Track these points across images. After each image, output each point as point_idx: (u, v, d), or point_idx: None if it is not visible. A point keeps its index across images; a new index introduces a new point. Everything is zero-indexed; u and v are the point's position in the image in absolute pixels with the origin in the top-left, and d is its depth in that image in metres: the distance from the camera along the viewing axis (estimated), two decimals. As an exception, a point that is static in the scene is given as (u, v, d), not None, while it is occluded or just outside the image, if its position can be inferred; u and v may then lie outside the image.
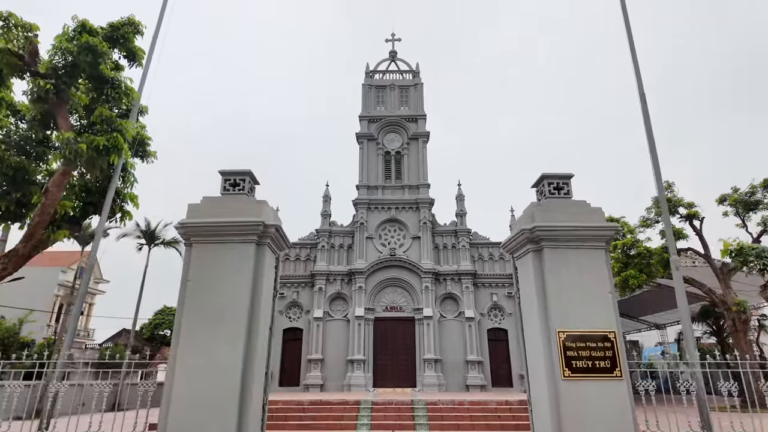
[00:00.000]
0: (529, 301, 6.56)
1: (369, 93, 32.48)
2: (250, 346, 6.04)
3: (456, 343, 26.44)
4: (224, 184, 6.87)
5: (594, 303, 6.15)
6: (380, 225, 29.02)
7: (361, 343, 25.88)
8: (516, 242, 6.80)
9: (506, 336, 27.24)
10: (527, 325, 6.66)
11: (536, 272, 6.40)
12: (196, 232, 6.36)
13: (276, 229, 6.50)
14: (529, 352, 6.61)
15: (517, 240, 6.74)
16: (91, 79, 8.16)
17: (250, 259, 6.28)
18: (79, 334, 46.39)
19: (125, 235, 31.73)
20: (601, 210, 6.63)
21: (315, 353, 26.13)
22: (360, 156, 30.71)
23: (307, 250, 29.17)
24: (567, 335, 5.99)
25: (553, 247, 6.40)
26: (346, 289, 27.81)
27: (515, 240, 6.79)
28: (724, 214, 25.90)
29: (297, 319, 27.77)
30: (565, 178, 6.97)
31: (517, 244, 6.79)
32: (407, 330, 26.83)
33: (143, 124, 11.01)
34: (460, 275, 27.70)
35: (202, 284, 6.17)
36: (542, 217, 6.45)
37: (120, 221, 9.98)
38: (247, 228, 6.31)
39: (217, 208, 6.49)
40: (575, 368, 5.87)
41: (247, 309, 6.08)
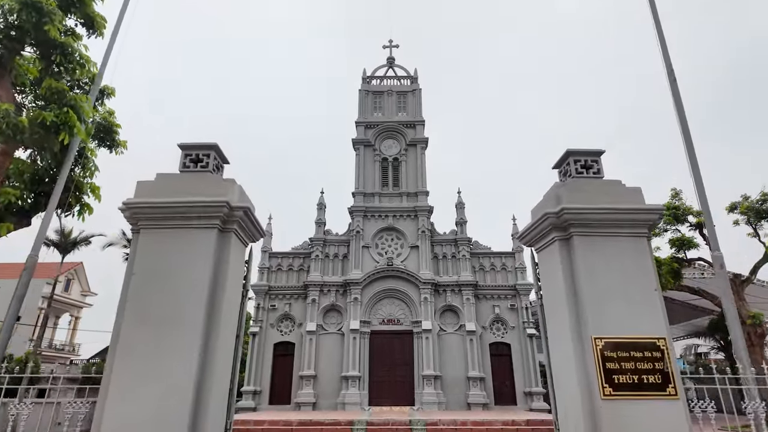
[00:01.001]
0: (555, 302, 5.36)
1: (366, 99, 31.58)
2: (208, 357, 4.80)
3: (456, 359, 25.00)
4: (184, 160, 5.70)
5: (638, 303, 4.96)
6: (377, 234, 27.79)
7: (356, 358, 24.42)
8: (537, 230, 5.62)
9: (509, 351, 25.82)
10: (553, 331, 5.44)
11: (564, 266, 5.22)
12: (144, 214, 5.17)
13: (245, 212, 5.30)
14: (555, 364, 5.37)
15: (538, 227, 5.56)
16: (38, 44, 7.05)
17: (211, 248, 5.08)
18: (64, 348, 44.62)
19: (111, 245, 30.42)
20: (640, 190, 5.48)
21: (307, 369, 24.63)
22: (356, 162, 29.63)
23: (300, 260, 27.85)
24: (606, 343, 4.77)
25: (585, 235, 5.22)
26: (341, 300, 26.44)
27: (536, 227, 5.60)
28: (735, 223, 24.76)
29: (289, 332, 26.33)
30: (595, 155, 5.83)
31: (539, 232, 5.61)
32: (405, 344, 25.40)
33: (111, 109, 9.89)
34: (460, 286, 26.40)
35: (149, 279, 4.95)
36: (570, 198, 5.29)
37: (78, 216, 8.77)
38: (208, 209, 5.12)
39: (173, 187, 5.30)
40: (618, 384, 4.65)
41: (205, 311, 4.85)
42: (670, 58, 8.21)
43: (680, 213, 24.26)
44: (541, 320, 5.72)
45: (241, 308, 5.69)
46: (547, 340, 5.59)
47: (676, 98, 7.94)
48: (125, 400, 4.45)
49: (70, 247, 27.96)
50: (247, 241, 5.84)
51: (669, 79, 8.14)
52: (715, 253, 6.95)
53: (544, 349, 5.61)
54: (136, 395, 4.46)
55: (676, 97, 7.95)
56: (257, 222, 5.75)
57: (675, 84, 8.03)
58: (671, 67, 8.16)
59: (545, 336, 5.63)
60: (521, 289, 26.52)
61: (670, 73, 8.13)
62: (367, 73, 32.83)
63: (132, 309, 4.82)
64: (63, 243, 26.71)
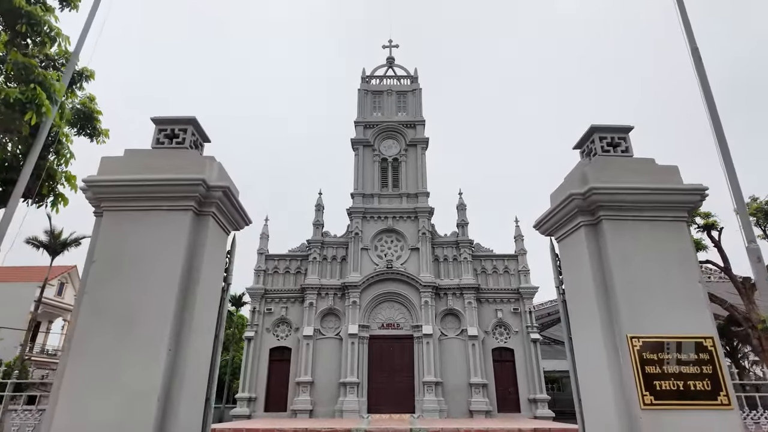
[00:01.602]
0: (581, 297, 4.66)
1: (365, 98, 31.00)
2: (180, 360, 4.09)
3: (458, 364, 24.23)
4: (158, 135, 5.01)
5: (679, 296, 4.27)
6: (376, 235, 27.10)
7: (354, 363, 23.64)
8: (559, 215, 4.93)
9: (512, 356, 25.05)
10: (578, 331, 4.73)
11: (592, 255, 4.52)
12: (108, 194, 4.48)
13: (224, 192, 4.61)
14: (582, 369, 4.66)
15: (560, 212, 4.87)
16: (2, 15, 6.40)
17: (184, 233, 4.38)
18: (57, 354, 43.69)
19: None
20: (676, 169, 4.79)
21: (304, 375, 23.83)
22: (355, 163, 29.00)
23: (297, 263, 27.13)
24: (644, 343, 4.08)
25: (617, 219, 4.54)
26: (339, 304, 25.69)
27: (558, 212, 4.91)
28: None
29: (285, 337, 25.54)
30: (623, 132, 5.15)
31: (561, 217, 4.92)
32: (405, 349, 24.62)
33: (92, 95, 9.23)
34: (462, 289, 25.67)
35: (111, 269, 4.25)
36: (599, 177, 4.61)
37: (52, 207, 8.08)
38: (181, 189, 4.43)
39: (142, 163, 4.61)
40: (660, 392, 3.94)
41: (176, 306, 4.15)
42: (693, 36, 7.57)
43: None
44: (564, 319, 5.02)
45: (221, 305, 4.98)
46: (571, 341, 4.88)
47: (702, 80, 7.29)
48: (76, 411, 3.74)
49: (60, 248, 27.15)
50: (229, 228, 5.14)
51: (693, 58, 7.49)
52: (752, 246, 6.25)
53: (568, 352, 4.90)
54: (89, 405, 3.74)
55: (702, 78, 7.30)
56: (240, 206, 5.05)
57: (701, 64, 7.38)
58: (695, 45, 7.52)
59: (568, 337, 4.92)
60: (524, 293, 25.80)
61: (695, 51, 7.49)
62: (366, 72, 32.30)
63: (90, 303, 4.12)
64: (52, 244, 25.94)
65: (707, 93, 7.25)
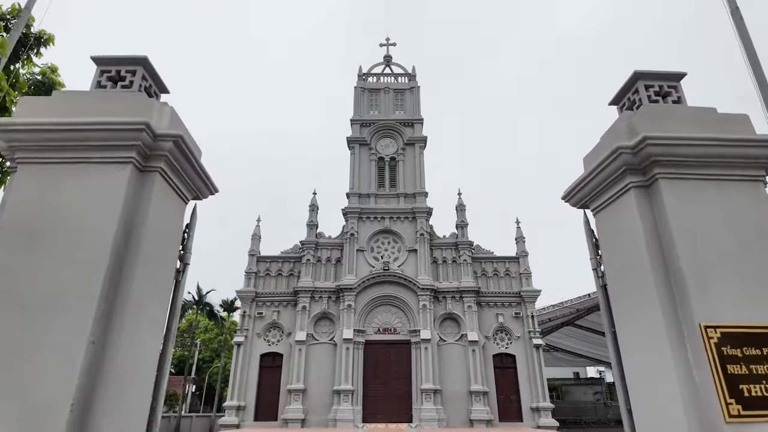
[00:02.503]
0: (630, 278, 3.67)
1: (362, 96, 30.13)
2: (108, 355, 3.07)
3: (457, 371, 23.14)
4: (99, 78, 4.01)
5: (761, 275, 3.30)
6: (373, 236, 26.09)
7: (349, 370, 22.51)
8: (598, 179, 3.95)
9: (514, 363, 23.99)
10: (627, 320, 3.73)
11: (646, 225, 3.54)
12: (24, 141, 3.47)
13: (176, 143, 3.60)
14: (632, 369, 3.65)
15: (601, 174, 3.89)
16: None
17: (120, 192, 3.37)
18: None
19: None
20: (747, 117, 3.84)
21: (296, 382, 22.67)
22: (351, 162, 28.05)
23: (290, 265, 26.05)
24: (723, 335, 3.09)
25: (677, 177, 3.57)
26: (334, 308, 24.60)
27: (597, 174, 3.93)
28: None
29: (276, 342, 24.40)
30: (674, 79, 4.20)
31: (601, 181, 3.94)
32: (402, 355, 23.52)
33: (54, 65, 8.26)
34: (461, 293, 24.64)
35: (22, 238, 3.24)
36: (653, 126, 3.64)
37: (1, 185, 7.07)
38: (118, 134, 3.43)
39: (72, 106, 3.61)
40: (749, 399, 2.96)
41: (103, 286, 3.13)
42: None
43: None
44: (604, 308, 4.02)
45: (176, 289, 3.96)
46: (614, 335, 3.87)
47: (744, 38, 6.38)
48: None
49: None
50: (187, 195, 4.13)
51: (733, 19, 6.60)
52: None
53: (611, 349, 3.90)
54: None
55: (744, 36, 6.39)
56: (200, 166, 4.05)
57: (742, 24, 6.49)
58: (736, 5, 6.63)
59: (611, 330, 3.92)
60: (526, 296, 24.80)
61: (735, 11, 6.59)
62: (363, 70, 31.45)
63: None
64: None
65: (752, 56, 6.33)
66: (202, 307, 38.68)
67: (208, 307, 39.39)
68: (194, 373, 51.67)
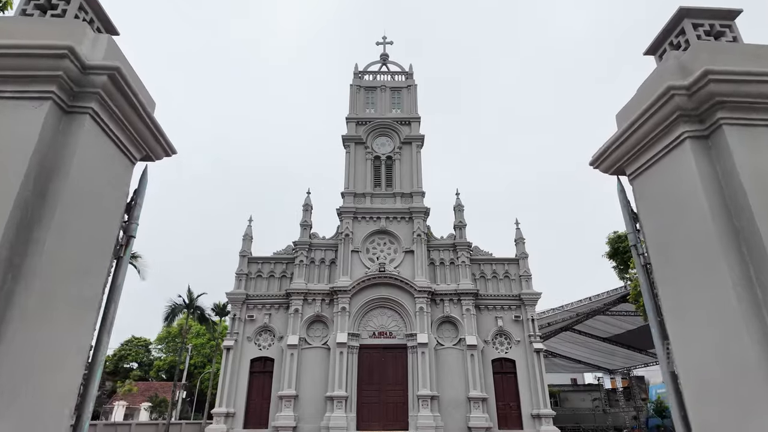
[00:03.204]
0: (686, 248, 2.91)
1: (357, 94, 29.46)
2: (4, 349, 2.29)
3: (455, 376, 22.30)
4: (25, 5, 3.25)
5: None
6: (368, 237, 25.31)
7: (342, 375, 21.63)
8: (640, 133, 3.19)
9: (514, 368, 23.18)
10: (682, 306, 2.97)
11: (707, 182, 2.80)
12: None
13: (112, 77, 2.83)
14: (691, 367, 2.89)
15: (645, 125, 3.13)
16: None
17: (34, 134, 2.60)
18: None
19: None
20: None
21: (287, 388, 21.76)
22: (346, 161, 27.33)
23: (282, 266, 25.21)
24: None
25: (746, 124, 2.82)
26: (327, 311, 23.75)
27: (640, 126, 3.17)
28: None
29: (268, 347, 23.50)
30: (728, 17, 3.47)
31: (644, 135, 3.18)
32: (398, 360, 22.68)
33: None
34: (459, 295, 23.86)
35: None
36: (711, 62, 2.91)
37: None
38: (34, 61, 2.67)
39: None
40: None
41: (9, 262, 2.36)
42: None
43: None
44: (647, 292, 3.26)
45: (117, 267, 3.17)
46: (662, 325, 3.11)
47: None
48: None
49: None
50: (135, 153, 3.35)
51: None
52: None
53: (659, 343, 3.13)
54: None
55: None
56: (152, 119, 3.26)
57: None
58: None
59: (657, 318, 3.16)
60: (526, 299, 24.04)
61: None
62: (359, 68, 30.80)
63: None
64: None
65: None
66: (192, 310, 37.64)
67: (199, 310, 38.36)
68: (185, 379, 50.54)
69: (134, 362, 60.19)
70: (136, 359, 60.22)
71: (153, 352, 62.14)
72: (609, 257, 25.33)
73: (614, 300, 30.54)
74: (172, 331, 54.25)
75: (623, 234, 25.27)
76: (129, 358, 59.06)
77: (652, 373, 56.44)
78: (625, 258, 25.03)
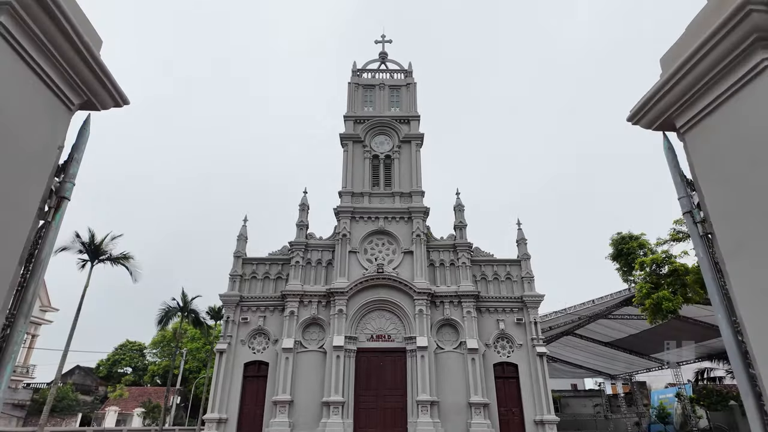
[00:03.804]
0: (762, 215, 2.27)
1: (356, 92, 28.89)
2: None
3: (456, 381, 21.57)
4: None
5: None
6: (366, 237, 24.65)
7: (339, 380, 20.89)
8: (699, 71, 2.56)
9: (516, 372, 22.46)
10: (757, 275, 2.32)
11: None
12: None
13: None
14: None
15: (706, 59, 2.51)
16: None
17: None
18: (15, 370, 40.16)
19: (64, 249, 26.76)
20: None
21: (282, 393, 20.99)
22: (344, 159, 26.71)
23: (278, 267, 24.51)
24: None
25: None
26: (324, 313, 23.04)
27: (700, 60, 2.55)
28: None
29: (262, 350, 22.75)
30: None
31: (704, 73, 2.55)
32: (397, 364, 21.95)
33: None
34: (460, 297, 23.17)
35: None
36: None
37: None
38: None
39: None
40: None
41: None
42: None
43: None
44: (709, 270, 2.62)
45: (43, 236, 2.52)
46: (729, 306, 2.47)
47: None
48: None
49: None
50: (73, 97, 2.71)
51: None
52: None
53: (727, 329, 2.48)
54: None
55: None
56: (89, 49, 2.63)
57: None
58: None
59: (722, 297, 2.51)
60: (529, 302, 23.37)
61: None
62: (357, 66, 30.26)
63: None
64: None
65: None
66: (187, 314, 36.85)
67: (193, 314, 37.57)
68: (180, 384, 49.62)
69: (128, 367, 59.22)
70: (130, 364, 59.27)
71: (148, 357, 61.19)
72: (613, 259, 24.69)
73: (618, 303, 29.91)
74: (167, 335, 53.37)
75: (627, 235, 24.63)
76: (123, 363, 58.15)
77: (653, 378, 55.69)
78: (629, 260, 24.39)
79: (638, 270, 23.08)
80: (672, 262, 21.60)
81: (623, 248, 24.06)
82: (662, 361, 46.92)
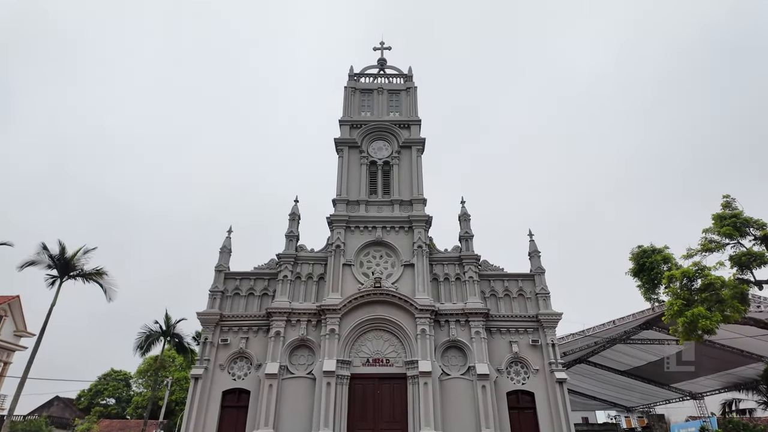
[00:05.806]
0: None
1: (353, 97, 27.14)
2: None
3: (464, 412, 18.74)
4: None
5: None
6: (362, 249, 22.28)
7: (330, 410, 18.06)
8: None
9: (533, 401, 19.60)
10: None
11: None
12: None
13: None
14: None
15: None
16: None
17: None
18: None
19: (31, 263, 24.33)
20: None
21: (264, 426, 18.14)
22: (339, 166, 24.65)
23: (264, 282, 22.03)
24: None
25: None
26: (313, 334, 20.41)
27: None
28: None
29: (243, 376, 19.99)
30: None
31: None
32: (396, 392, 19.15)
33: None
34: (467, 316, 20.58)
35: None
36: None
37: None
38: None
39: None
40: None
41: None
42: None
43: (740, 222, 19.43)
44: None
45: None
46: None
47: None
48: None
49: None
50: None
51: None
52: None
53: None
54: None
55: None
56: None
57: None
58: None
59: None
60: (545, 321, 20.75)
61: None
62: (354, 70, 28.63)
63: None
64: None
65: None
66: (170, 338, 34.05)
67: (177, 338, 34.75)
68: (164, 417, 46.06)
69: (111, 398, 55.56)
70: (113, 394, 55.62)
71: (133, 387, 57.59)
72: (633, 274, 22.20)
73: (639, 324, 27.24)
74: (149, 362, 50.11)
75: (649, 248, 22.16)
76: (105, 393, 54.53)
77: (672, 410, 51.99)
78: (652, 275, 21.96)
79: (665, 285, 20.59)
80: (706, 274, 19.18)
81: (645, 262, 21.61)
82: (684, 392, 43.57)
